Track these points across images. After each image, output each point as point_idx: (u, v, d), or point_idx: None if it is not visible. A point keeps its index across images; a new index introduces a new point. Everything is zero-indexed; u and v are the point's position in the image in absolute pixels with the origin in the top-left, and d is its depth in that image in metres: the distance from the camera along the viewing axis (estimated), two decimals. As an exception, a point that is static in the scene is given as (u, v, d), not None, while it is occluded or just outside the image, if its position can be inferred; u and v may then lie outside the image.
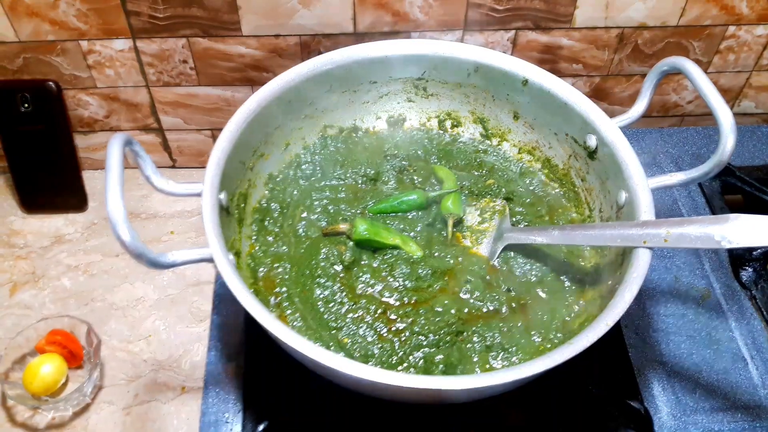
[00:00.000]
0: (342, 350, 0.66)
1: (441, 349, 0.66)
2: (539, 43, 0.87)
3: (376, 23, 0.83)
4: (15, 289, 0.84)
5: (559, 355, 0.54)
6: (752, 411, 0.71)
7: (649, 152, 0.97)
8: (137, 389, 0.76)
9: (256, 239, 0.74)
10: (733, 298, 0.81)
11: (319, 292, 0.70)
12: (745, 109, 1.02)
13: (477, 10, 0.83)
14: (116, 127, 0.92)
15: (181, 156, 0.98)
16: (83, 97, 0.88)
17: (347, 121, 0.83)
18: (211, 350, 0.75)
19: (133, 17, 0.79)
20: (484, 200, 0.80)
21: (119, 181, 0.52)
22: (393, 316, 0.69)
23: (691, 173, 0.67)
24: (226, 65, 0.85)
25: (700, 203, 0.90)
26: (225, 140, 0.68)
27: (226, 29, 0.81)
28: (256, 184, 0.76)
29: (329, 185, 0.80)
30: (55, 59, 0.83)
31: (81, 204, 0.93)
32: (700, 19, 0.87)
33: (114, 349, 0.79)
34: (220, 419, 0.70)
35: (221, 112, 0.91)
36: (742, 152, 0.97)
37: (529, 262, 0.74)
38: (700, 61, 0.92)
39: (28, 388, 0.71)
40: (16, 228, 0.91)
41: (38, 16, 0.78)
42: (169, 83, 0.87)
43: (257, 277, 0.72)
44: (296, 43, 0.84)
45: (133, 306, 0.83)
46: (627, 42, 0.88)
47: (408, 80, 0.82)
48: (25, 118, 0.86)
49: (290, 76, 0.74)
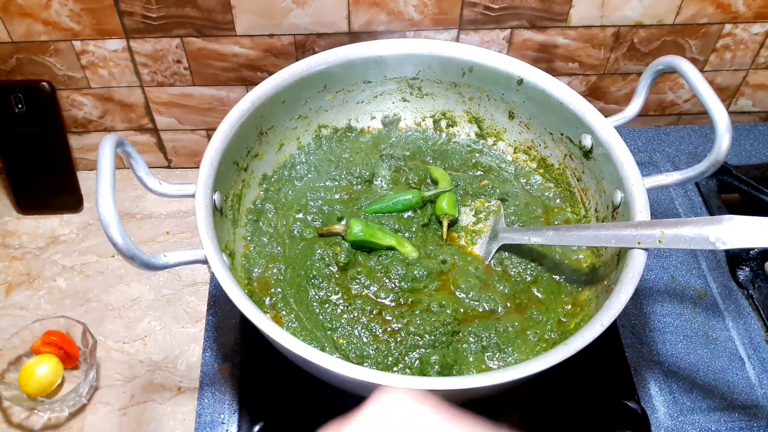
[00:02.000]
0: (337, 351, 0.66)
1: (437, 349, 0.66)
2: (535, 42, 0.87)
3: (370, 22, 0.83)
4: (10, 289, 0.84)
5: (555, 355, 0.54)
6: (749, 410, 0.71)
7: (646, 151, 0.96)
8: (133, 390, 0.76)
9: (250, 240, 0.74)
10: (730, 297, 0.81)
11: (314, 293, 0.70)
12: (742, 108, 1.02)
13: (472, 9, 0.82)
14: (111, 128, 0.92)
15: (176, 156, 0.97)
16: (77, 97, 0.88)
17: (342, 121, 0.83)
18: (206, 351, 0.75)
19: (126, 17, 0.79)
20: (479, 200, 0.80)
21: (111, 183, 0.52)
22: (388, 317, 0.69)
23: (687, 173, 0.67)
24: (221, 65, 0.85)
25: (697, 202, 0.90)
26: (218, 140, 0.67)
27: (220, 29, 0.81)
28: (250, 184, 0.76)
29: (324, 186, 0.80)
30: (49, 60, 0.83)
31: (76, 205, 0.93)
32: (696, 17, 0.86)
33: (110, 349, 0.79)
34: (215, 420, 0.70)
35: (216, 112, 0.91)
36: (739, 151, 0.97)
37: (525, 263, 0.73)
38: (697, 60, 0.92)
39: (23, 389, 0.71)
40: (10, 229, 0.91)
41: (31, 16, 0.78)
42: (163, 83, 0.87)
43: (252, 278, 0.71)
44: (290, 42, 0.83)
45: (129, 306, 0.83)
46: (623, 41, 0.88)
47: (403, 80, 0.82)
48: (19, 118, 0.86)
49: (284, 75, 0.74)
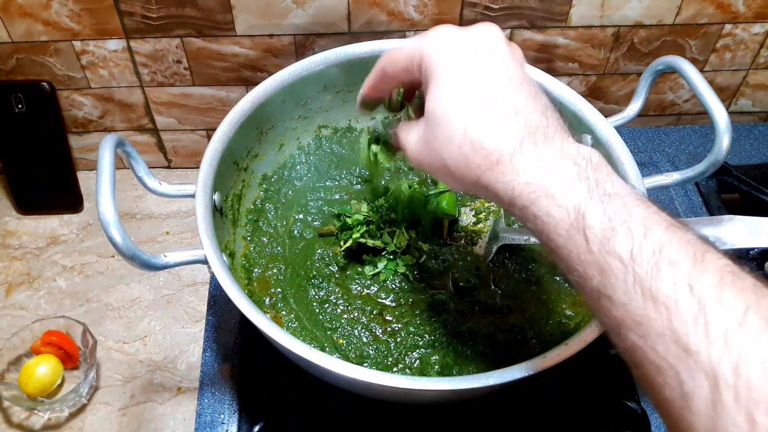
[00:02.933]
0: (337, 351, 0.66)
1: (437, 349, 0.66)
2: (535, 42, 0.87)
3: (370, 22, 0.82)
4: (10, 290, 0.84)
5: (555, 355, 0.54)
6: (748, 410, 0.71)
7: (645, 151, 0.96)
8: (133, 390, 0.76)
9: (250, 240, 0.74)
10: (729, 297, 0.81)
11: (314, 293, 0.70)
12: (742, 108, 1.02)
13: (472, 9, 0.82)
14: (111, 128, 0.92)
15: (176, 156, 0.97)
16: (77, 97, 0.88)
17: (342, 121, 0.83)
18: (206, 351, 0.75)
19: (126, 17, 0.79)
20: (479, 200, 0.80)
21: (110, 184, 0.52)
22: (388, 317, 0.69)
23: (686, 173, 0.67)
24: (221, 65, 0.85)
25: (697, 202, 0.90)
26: (218, 141, 0.67)
27: (220, 29, 0.81)
28: (250, 184, 0.76)
29: (324, 186, 0.80)
30: (49, 60, 0.83)
31: (76, 205, 0.93)
32: (696, 17, 0.86)
33: (110, 349, 0.79)
34: (215, 420, 0.70)
35: (216, 112, 0.91)
36: (739, 151, 0.97)
37: (525, 263, 0.73)
38: (697, 60, 0.92)
39: (23, 389, 0.71)
40: (10, 229, 0.91)
41: (31, 16, 0.78)
42: (163, 83, 0.87)
43: (252, 278, 0.71)
44: (290, 42, 0.83)
45: (129, 307, 0.83)
46: (623, 41, 0.88)
47: (403, 80, 0.82)
48: (19, 118, 0.86)
49: (284, 75, 0.73)
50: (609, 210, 0.38)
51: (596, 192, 0.39)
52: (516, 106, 0.43)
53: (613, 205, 0.38)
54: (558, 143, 0.42)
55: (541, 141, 0.42)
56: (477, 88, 0.44)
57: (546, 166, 0.41)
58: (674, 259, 0.35)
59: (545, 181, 0.41)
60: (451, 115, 0.44)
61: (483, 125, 0.43)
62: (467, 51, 0.45)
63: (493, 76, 0.44)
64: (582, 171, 0.40)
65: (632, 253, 0.36)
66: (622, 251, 0.36)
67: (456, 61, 0.45)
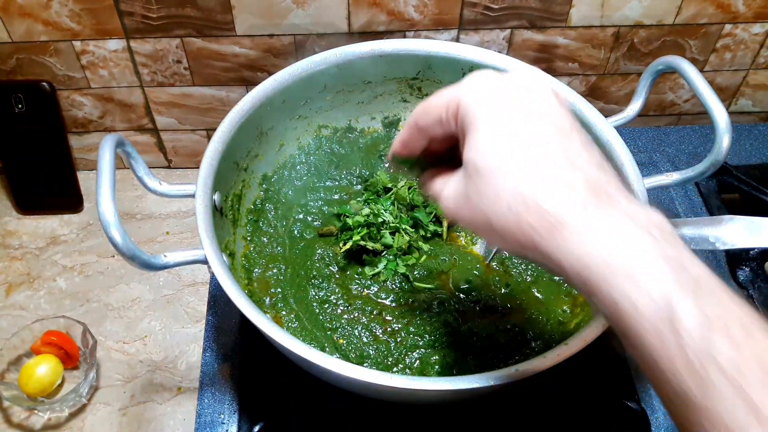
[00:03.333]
0: (337, 351, 0.66)
1: (437, 349, 0.66)
2: (535, 42, 0.87)
3: (370, 22, 0.82)
4: (10, 290, 0.84)
5: (555, 355, 0.54)
6: (748, 410, 0.71)
7: (646, 151, 0.96)
8: (133, 390, 0.76)
9: (250, 240, 0.74)
10: (729, 297, 0.81)
11: (314, 293, 0.70)
12: (742, 108, 1.02)
13: (472, 9, 0.82)
14: (111, 128, 0.92)
15: (176, 156, 0.97)
16: (77, 97, 0.88)
17: (342, 122, 0.83)
18: (206, 351, 0.75)
19: (126, 17, 0.79)
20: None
21: (110, 184, 0.52)
22: (388, 317, 0.69)
23: (686, 173, 0.67)
24: (221, 65, 0.85)
25: (697, 202, 0.90)
26: (218, 141, 0.67)
27: (220, 29, 0.81)
28: (250, 184, 0.76)
29: (324, 186, 0.80)
30: (49, 60, 0.83)
31: (76, 205, 0.93)
32: (696, 17, 0.86)
33: (110, 349, 0.79)
34: (215, 420, 0.70)
35: (216, 112, 0.91)
36: (739, 151, 0.97)
37: (525, 263, 0.73)
38: (697, 60, 0.92)
39: (23, 389, 0.71)
40: (10, 229, 0.91)
41: (31, 16, 0.78)
42: (163, 83, 0.87)
43: (252, 278, 0.71)
44: (290, 42, 0.83)
45: (129, 307, 0.83)
46: (623, 41, 0.88)
47: (403, 80, 0.82)
48: (19, 118, 0.86)
49: (284, 75, 0.74)
50: (702, 304, 0.32)
51: (683, 277, 0.33)
52: (570, 158, 0.38)
53: (704, 296, 0.33)
54: (624, 205, 0.37)
55: (605, 201, 0.37)
56: (525, 138, 0.38)
57: (617, 235, 0.35)
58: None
59: (622, 257, 0.35)
60: (497, 169, 0.38)
61: (537, 182, 0.37)
62: (510, 96, 0.40)
63: (543, 125, 0.39)
64: (658, 245, 0.35)
65: (738, 367, 0.30)
66: (725, 363, 0.31)
67: (498, 108, 0.40)
